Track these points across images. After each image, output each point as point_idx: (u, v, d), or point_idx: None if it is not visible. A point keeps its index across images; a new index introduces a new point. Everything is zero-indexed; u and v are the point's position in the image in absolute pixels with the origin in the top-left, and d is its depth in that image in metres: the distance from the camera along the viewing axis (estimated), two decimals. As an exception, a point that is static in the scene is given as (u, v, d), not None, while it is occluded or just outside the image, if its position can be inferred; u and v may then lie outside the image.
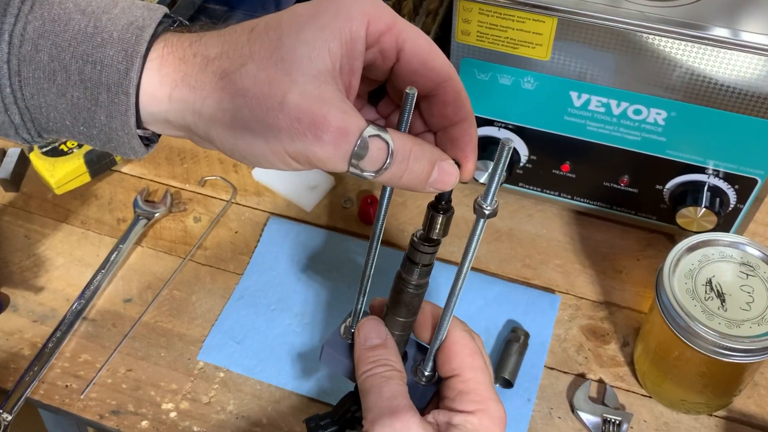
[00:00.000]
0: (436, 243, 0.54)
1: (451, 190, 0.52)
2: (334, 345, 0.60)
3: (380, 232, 0.56)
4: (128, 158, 0.59)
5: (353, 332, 0.59)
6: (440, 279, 0.89)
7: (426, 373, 0.58)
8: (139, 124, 0.50)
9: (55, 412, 0.82)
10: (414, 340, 0.61)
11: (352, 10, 0.48)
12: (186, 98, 0.48)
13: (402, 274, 0.56)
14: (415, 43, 0.50)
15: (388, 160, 0.47)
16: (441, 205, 0.52)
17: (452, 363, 0.56)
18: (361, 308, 0.60)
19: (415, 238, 0.54)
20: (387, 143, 0.47)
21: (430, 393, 0.58)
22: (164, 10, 0.50)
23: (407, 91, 0.49)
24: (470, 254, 0.52)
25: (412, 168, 0.48)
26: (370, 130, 0.47)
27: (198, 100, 0.48)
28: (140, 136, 0.51)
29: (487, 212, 0.50)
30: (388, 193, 0.55)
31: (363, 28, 0.48)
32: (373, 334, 0.57)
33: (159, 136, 0.53)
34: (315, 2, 0.49)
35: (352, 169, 0.47)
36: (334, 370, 0.60)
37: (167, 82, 0.48)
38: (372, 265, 0.58)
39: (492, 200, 0.50)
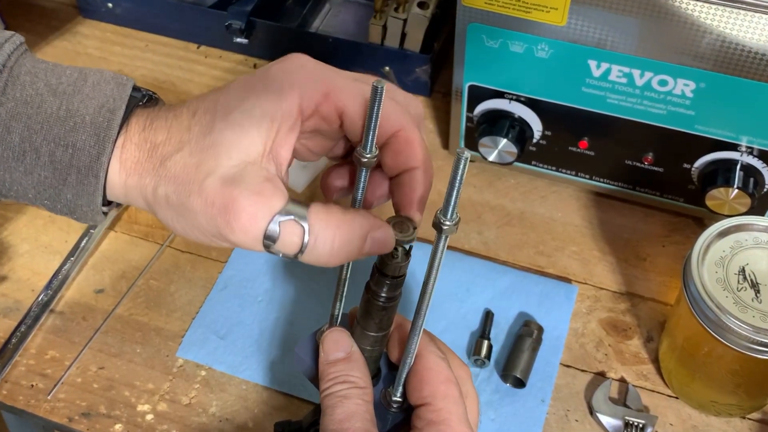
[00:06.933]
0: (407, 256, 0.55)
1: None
2: (304, 348, 0.60)
3: None
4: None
5: None
6: (443, 269, 0.89)
7: (395, 398, 0.57)
8: (103, 200, 0.55)
9: (19, 414, 0.81)
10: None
11: (283, 87, 0.53)
12: (136, 185, 0.53)
13: (371, 285, 0.56)
14: (356, 104, 0.54)
15: (305, 243, 0.50)
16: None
17: (423, 391, 0.56)
18: (338, 314, 0.60)
19: None
20: (302, 227, 0.50)
21: (399, 418, 0.58)
22: (132, 83, 0.55)
23: (374, 84, 0.51)
24: (433, 274, 0.52)
25: (338, 250, 0.51)
26: (286, 211, 0.50)
27: (144, 186, 0.53)
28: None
29: (446, 227, 0.50)
30: (362, 180, 0.55)
31: (295, 104, 0.53)
32: (337, 347, 0.57)
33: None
34: (248, 80, 0.54)
35: (269, 252, 0.51)
36: (302, 373, 0.61)
37: (124, 169, 0.53)
38: (348, 267, 0.58)
39: (452, 214, 0.49)
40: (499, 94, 0.88)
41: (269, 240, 0.50)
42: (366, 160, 0.53)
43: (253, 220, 0.49)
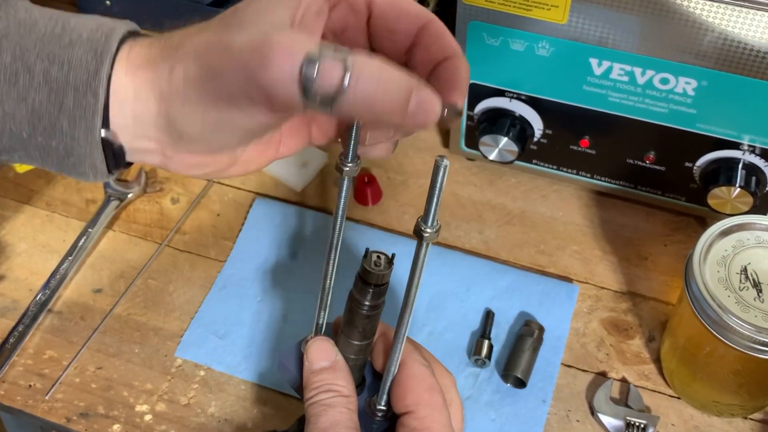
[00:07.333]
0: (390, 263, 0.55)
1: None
2: (289, 356, 0.60)
3: (338, 240, 0.57)
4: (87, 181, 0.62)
5: None
6: (443, 268, 0.89)
7: (379, 407, 0.58)
8: (104, 123, 0.51)
9: (17, 414, 0.81)
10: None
11: None
12: (148, 78, 0.50)
13: (354, 293, 0.56)
14: None
15: (347, 78, 0.44)
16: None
17: (407, 399, 0.56)
18: (323, 324, 0.60)
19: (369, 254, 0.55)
20: (344, 58, 0.44)
21: (384, 426, 0.58)
22: (135, 26, 0.53)
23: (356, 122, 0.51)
24: (415, 282, 0.52)
25: (383, 89, 0.45)
26: (325, 46, 0.45)
27: (158, 75, 0.50)
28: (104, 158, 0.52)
29: (427, 234, 0.50)
30: (344, 189, 0.55)
31: None
32: (321, 356, 0.58)
33: (124, 163, 0.54)
34: None
35: (307, 97, 0.45)
36: (287, 382, 0.61)
37: (131, 68, 0.50)
38: (332, 276, 0.59)
39: (433, 221, 0.50)
40: (500, 93, 0.88)
41: (307, 77, 0.44)
42: (348, 169, 0.53)
43: (288, 55, 0.44)
